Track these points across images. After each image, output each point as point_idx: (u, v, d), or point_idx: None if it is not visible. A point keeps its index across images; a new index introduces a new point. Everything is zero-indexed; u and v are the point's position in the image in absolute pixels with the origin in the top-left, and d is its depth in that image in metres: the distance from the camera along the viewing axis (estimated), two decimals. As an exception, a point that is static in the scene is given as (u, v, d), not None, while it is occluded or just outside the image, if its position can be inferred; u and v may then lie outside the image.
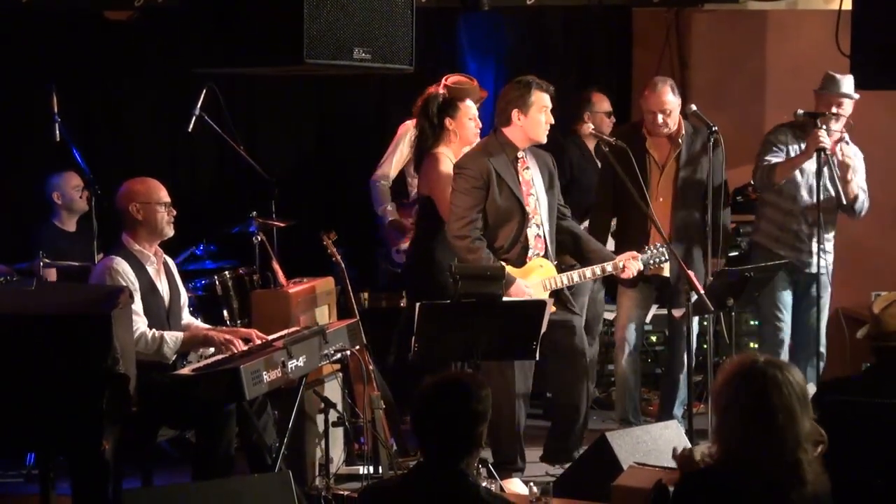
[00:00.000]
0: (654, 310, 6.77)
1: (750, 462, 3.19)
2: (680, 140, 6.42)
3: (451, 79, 6.77)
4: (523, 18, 8.16)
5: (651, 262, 5.95)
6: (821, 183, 6.42)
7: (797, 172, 6.55)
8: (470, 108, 6.28)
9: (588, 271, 5.86)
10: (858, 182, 6.58)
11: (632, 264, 5.87)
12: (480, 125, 6.30)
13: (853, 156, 6.55)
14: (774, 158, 6.55)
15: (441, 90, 6.67)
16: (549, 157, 6.00)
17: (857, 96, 6.54)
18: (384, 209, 6.95)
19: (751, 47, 8.10)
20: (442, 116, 6.23)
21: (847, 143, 6.55)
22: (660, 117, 6.35)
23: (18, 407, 4.04)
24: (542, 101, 5.74)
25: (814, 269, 6.53)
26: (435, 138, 6.23)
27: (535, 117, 5.73)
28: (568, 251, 6.10)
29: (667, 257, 5.99)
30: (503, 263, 5.63)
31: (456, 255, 5.78)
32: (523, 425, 5.90)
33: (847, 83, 6.51)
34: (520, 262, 5.76)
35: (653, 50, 8.23)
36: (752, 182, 6.94)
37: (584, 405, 5.97)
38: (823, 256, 6.49)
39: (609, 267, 5.87)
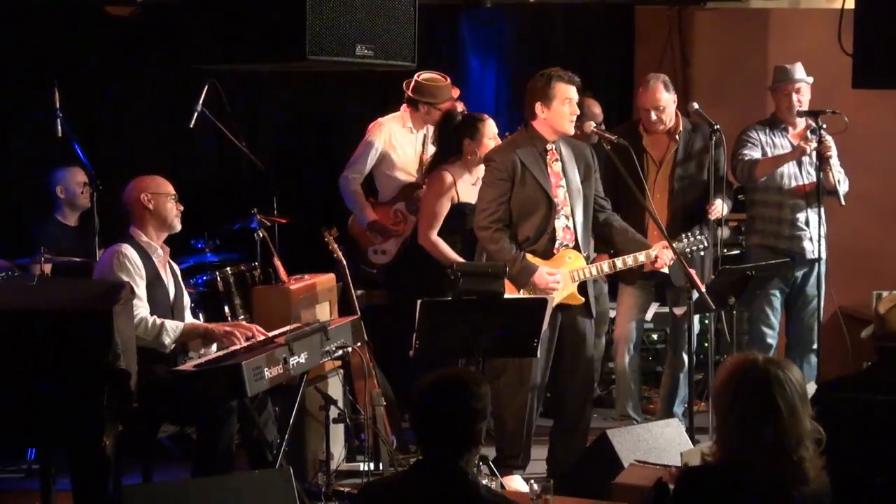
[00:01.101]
0: (655, 308, 6.77)
1: (753, 461, 3.19)
2: (677, 136, 6.43)
3: (424, 75, 6.76)
4: (525, 16, 8.16)
5: (688, 250, 5.90)
6: (804, 170, 6.55)
7: None
8: (490, 127, 6.27)
9: (619, 261, 5.82)
10: (835, 167, 6.59)
11: (665, 254, 5.81)
12: (500, 142, 6.25)
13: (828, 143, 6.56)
14: (751, 153, 6.61)
15: (410, 92, 6.69)
16: (588, 148, 5.96)
17: (811, 80, 6.60)
18: (362, 209, 6.82)
19: (753, 46, 8.09)
20: (460, 136, 6.24)
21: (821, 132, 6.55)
22: (653, 114, 6.37)
23: (19, 402, 4.04)
24: (564, 93, 5.71)
25: (816, 254, 6.55)
26: (448, 154, 6.26)
27: (559, 109, 5.71)
28: (608, 243, 6.08)
29: (706, 244, 5.96)
30: (526, 254, 5.65)
31: (481, 246, 5.79)
32: (534, 424, 5.90)
33: (799, 70, 6.57)
34: (547, 253, 5.74)
35: (655, 48, 8.23)
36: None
37: (587, 414, 5.97)
38: (822, 240, 6.50)
39: (641, 257, 5.81)
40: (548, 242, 5.74)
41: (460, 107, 6.75)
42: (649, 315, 6.76)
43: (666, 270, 6.20)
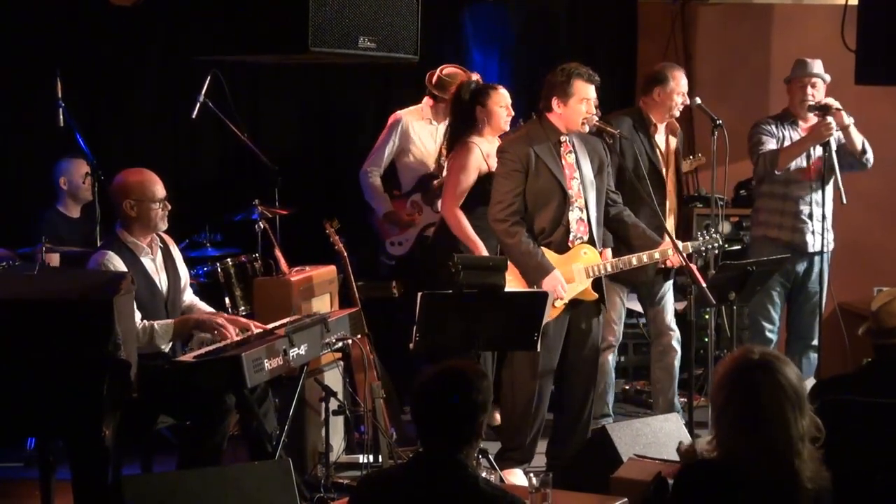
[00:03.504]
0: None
1: (746, 460, 3.18)
2: (678, 130, 6.45)
3: (447, 70, 6.76)
4: (528, 9, 8.15)
5: (703, 248, 5.87)
6: (825, 164, 6.49)
7: None
8: (503, 96, 6.22)
9: (634, 258, 5.81)
10: (854, 134, 6.56)
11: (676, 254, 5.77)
12: (512, 113, 6.24)
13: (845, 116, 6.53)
14: (771, 145, 6.57)
15: (431, 86, 6.66)
16: (600, 142, 5.92)
17: (827, 77, 6.56)
18: (378, 201, 6.89)
19: (756, 41, 8.10)
20: (473, 104, 6.21)
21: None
22: (681, 99, 6.35)
23: (19, 392, 4.04)
24: (582, 92, 5.68)
25: (817, 247, 6.53)
26: (466, 126, 6.22)
27: (575, 107, 5.68)
28: (618, 238, 6.08)
29: (721, 243, 5.94)
30: (543, 249, 5.64)
31: (496, 238, 5.79)
32: (542, 418, 5.86)
33: (817, 65, 6.55)
34: (562, 245, 5.71)
35: (658, 42, 8.22)
36: (753, 176, 6.92)
37: (589, 409, 5.96)
38: (825, 234, 6.49)
39: (657, 254, 5.81)
40: (563, 235, 5.72)
41: (475, 76, 6.67)
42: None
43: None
